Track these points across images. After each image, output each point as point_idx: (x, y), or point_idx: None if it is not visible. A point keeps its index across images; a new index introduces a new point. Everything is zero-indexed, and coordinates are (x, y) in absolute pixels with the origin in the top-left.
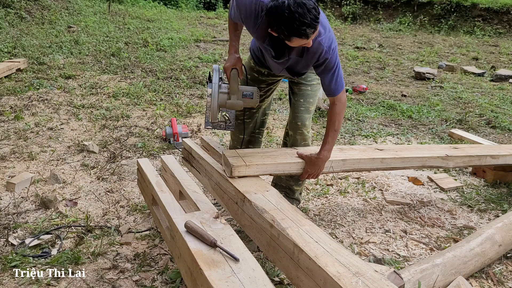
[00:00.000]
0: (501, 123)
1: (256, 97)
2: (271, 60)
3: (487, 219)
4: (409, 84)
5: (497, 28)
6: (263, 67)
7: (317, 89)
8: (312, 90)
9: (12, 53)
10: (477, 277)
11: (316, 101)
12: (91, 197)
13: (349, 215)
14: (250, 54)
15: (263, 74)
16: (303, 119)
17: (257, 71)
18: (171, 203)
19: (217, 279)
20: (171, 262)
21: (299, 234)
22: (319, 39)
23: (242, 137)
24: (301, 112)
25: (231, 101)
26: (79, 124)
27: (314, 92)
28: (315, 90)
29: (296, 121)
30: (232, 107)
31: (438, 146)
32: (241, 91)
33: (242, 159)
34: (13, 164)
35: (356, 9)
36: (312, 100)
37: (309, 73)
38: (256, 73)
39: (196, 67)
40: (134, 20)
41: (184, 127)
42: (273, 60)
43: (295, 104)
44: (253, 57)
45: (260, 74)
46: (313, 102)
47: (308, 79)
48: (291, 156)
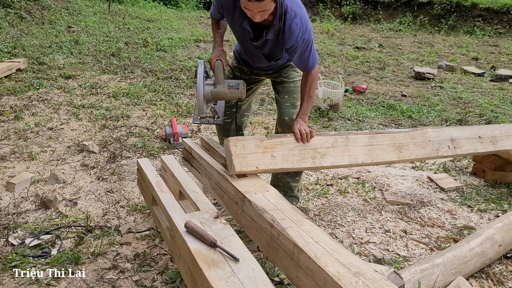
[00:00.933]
0: (501, 123)
1: (242, 88)
2: (250, 47)
3: (487, 219)
4: (409, 84)
5: (497, 28)
6: (245, 65)
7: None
8: (295, 86)
9: (12, 53)
10: (477, 277)
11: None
12: (91, 197)
13: (349, 215)
14: (234, 55)
15: (245, 73)
16: (290, 114)
17: (240, 69)
18: (171, 203)
19: (217, 279)
20: (171, 262)
21: (299, 234)
22: (295, 20)
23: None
24: (287, 108)
25: (216, 89)
26: (79, 124)
27: (297, 88)
28: (298, 86)
29: (284, 116)
30: (218, 96)
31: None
32: (227, 82)
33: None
34: (13, 164)
35: (356, 9)
36: (297, 96)
37: (291, 70)
38: (239, 72)
39: (196, 67)
40: (134, 20)
41: (184, 127)
42: (252, 45)
43: (280, 102)
44: (236, 57)
45: (243, 73)
46: (298, 98)
47: (291, 77)
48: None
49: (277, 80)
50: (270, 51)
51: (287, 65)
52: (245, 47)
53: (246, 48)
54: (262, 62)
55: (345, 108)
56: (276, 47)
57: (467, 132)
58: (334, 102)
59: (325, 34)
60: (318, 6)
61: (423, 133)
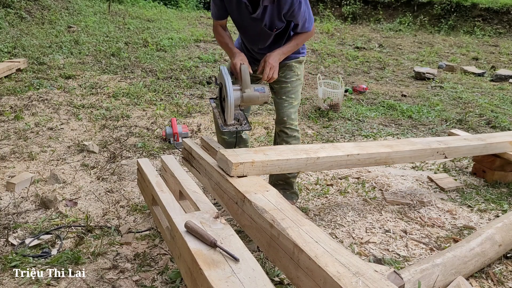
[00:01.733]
0: (501, 123)
1: (268, 92)
2: (250, 24)
3: (487, 219)
4: (409, 84)
5: (497, 28)
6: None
7: (297, 85)
8: (292, 86)
9: (12, 53)
10: (477, 277)
11: (298, 97)
12: (91, 197)
13: (349, 215)
14: None
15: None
16: (288, 113)
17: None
18: (171, 203)
19: (217, 279)
20: (171, 262)
21: (299, 234)
22: None
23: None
24: (284, 108)
25: (248, 94)
26: (79, 124)
27: (294, 88)
28: (294, 86)
29: (282, 116)
30: (250, 100)
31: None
32: (252, 87)
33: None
34: (13, 164)
35: (356, 9)
36: (294, 96)
37: (288, 70)
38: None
39: (196, 67)
40: (134, 20)
41: (184, 127)
42: (251, 21)
43: (278, 102)
44: None
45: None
46: (295, 97)
47: (288, 77)
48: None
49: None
50: (269, 20)
51: (283, 65)
52: (245, 27)
53: (246, 28)
54: (264, 38)
55: (345, 108)
56: (274, 14)
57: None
58: (334, 102)
59: (325, 34)
60: (318, 6)
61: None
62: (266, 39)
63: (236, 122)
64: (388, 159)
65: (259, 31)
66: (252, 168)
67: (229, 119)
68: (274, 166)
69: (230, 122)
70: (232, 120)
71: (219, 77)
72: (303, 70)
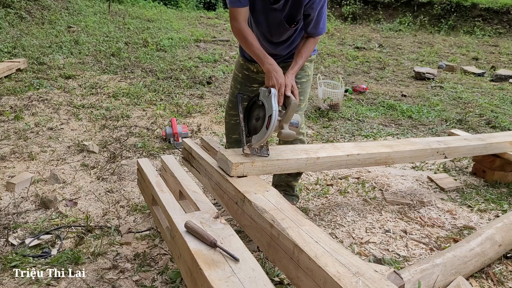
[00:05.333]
0: (501, 123)
1: (301, 126)
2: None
3: (487, 219)
4: (409, 84)
5: (497, 28)
6: (252, 62)
7: (307, 86)
8: (302, 87)
9: (12, 53)
10: (477, 277)
11: (306, 98)
12: (91, 197)
13: (349, 215)
14: (240, 52)
15: (252, 71)
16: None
17: (247, 68)
18: (171, 203)
19: (217, 279)
20: (171, 262)
21: (299, 234)
22: None
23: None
24: None
25: (286, 132)
26: (79, 124)
27: (303, 90)
28: (304, 87)
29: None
30: (287, 137)
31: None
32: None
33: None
34: (13, 164)
35: (356, 9)
36: (302, 97)
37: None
38: (246, 70)
39: (196, 67)
40: (134, 20)
41: (184, 127)
42: (272, 12)
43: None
44: (244, 54)
45: (250, 71)
46: (303, 99)
47: (298, 77)
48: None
49: None
50: (290, 11)
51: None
52: (262, 17)
53: (263, 19)
54: (280, 32)
55: (345, 108)
56: (295, 5)
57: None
58: (334, 102)
59: (325, 34)
60: None
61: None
62: (282, 33)
63: (258, 148)
64: (388, 159)
65: (277, 23)
66: (252, 168)
67: (255, 144)
68: (274, 166)
69: (256, 146)
70: (258, 146)
71: (267, 101)
72: (313, 69)
